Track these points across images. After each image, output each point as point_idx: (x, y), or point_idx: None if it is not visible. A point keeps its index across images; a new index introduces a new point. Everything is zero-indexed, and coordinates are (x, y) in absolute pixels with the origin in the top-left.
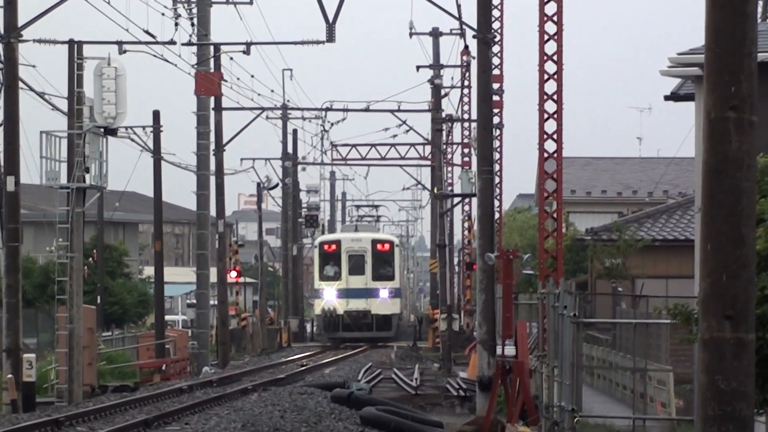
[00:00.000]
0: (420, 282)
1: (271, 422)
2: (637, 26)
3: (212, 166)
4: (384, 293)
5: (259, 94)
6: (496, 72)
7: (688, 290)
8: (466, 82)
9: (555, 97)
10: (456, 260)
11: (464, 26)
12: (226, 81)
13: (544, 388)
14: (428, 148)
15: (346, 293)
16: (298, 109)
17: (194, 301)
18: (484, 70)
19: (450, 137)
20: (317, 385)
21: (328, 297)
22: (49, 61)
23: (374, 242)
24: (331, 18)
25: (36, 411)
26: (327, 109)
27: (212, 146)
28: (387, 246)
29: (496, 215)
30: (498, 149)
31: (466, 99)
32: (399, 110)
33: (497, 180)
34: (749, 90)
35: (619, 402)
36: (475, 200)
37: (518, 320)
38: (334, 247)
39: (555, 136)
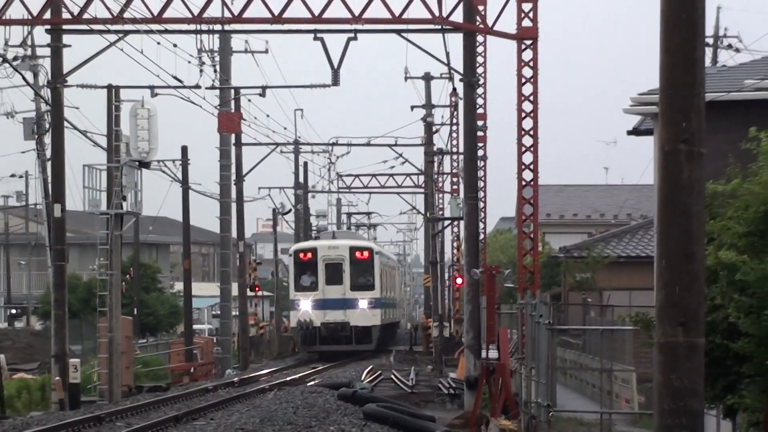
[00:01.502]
0: (416, 294)
1: (285, 417)
2: (605, 69)
3: (233, 195)
4: (363, 304)
5: (273, 131)
6: (480, 111)
7: (649, 301)
8: (454, 120)
9: (531, 132)
10: (447, 275)
11: (452, 71)
12: (245, 120)
13: (523, 387)
14: (422, 178)
15: (323, 304)
16: (308, 144)
17: (218, 312)
18: (469, 109)
19: (440, 168)
20: (325, 385)
21: (304, 308)
22: (91, 103)
23: (352, 250)
24: (336, 64)
25: (80, 409)
26: (333, 144)
27: (233, 177)
28: (366, 254)
29: (481, 236)
30: (482, 178)
31: (454, 134)
32: (396, 144)
33: (482, 205)
34: (698, 125)
35: (589, 398)
36: (462, 223)
37: (500, 327)
38: (309, 255)
39: (532, 167)
